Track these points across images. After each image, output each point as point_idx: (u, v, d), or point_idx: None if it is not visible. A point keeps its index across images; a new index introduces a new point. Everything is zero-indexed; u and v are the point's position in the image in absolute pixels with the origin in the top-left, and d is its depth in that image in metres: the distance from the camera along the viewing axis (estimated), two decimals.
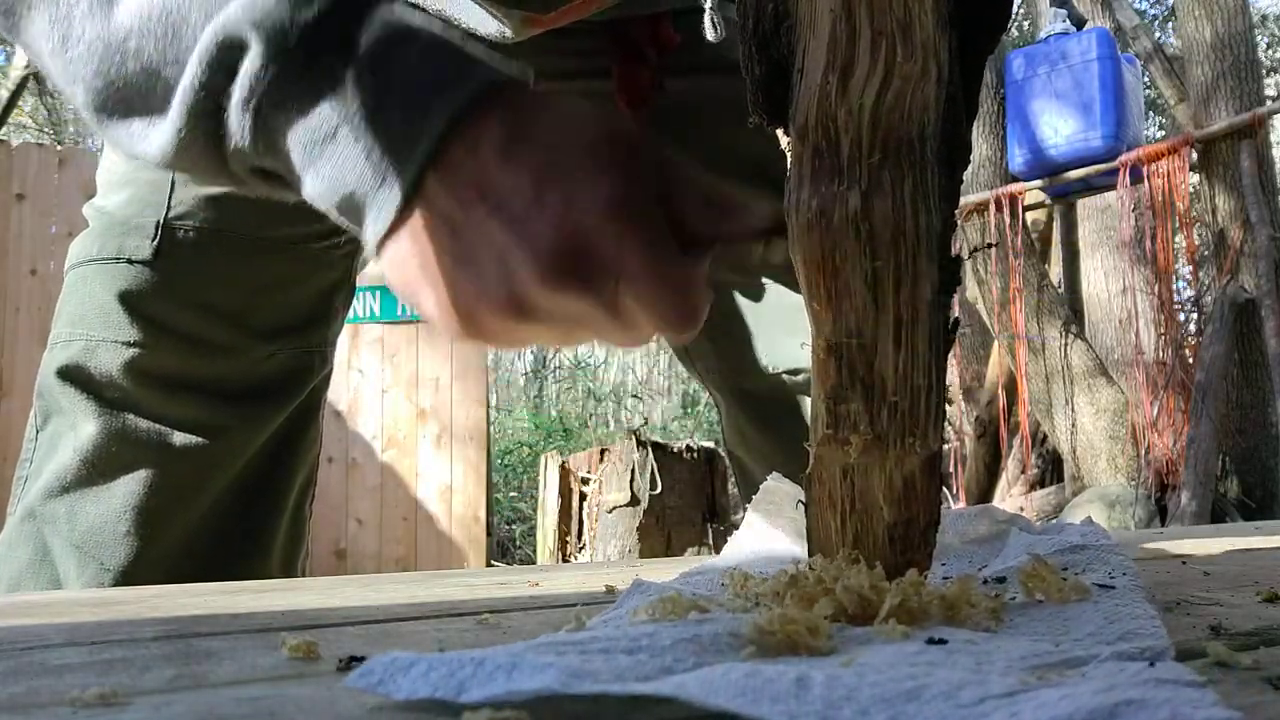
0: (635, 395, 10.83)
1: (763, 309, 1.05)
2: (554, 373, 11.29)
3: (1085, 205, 5.59)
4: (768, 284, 1.02)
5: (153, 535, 0.86)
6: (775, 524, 0.63)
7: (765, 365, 1.04)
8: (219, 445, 0.89)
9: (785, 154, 0.48)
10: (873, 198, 0.44)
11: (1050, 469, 5.66)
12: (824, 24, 0.44)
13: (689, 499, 4.02)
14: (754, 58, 0.48)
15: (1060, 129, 4.55)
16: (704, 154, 1.00)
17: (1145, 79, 5.10)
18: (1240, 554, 0.76)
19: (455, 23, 0.82)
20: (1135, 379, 4.89)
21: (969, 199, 5.02)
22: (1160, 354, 4.76)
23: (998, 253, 4.97)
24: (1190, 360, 4.82)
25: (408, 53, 0.53)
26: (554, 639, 0.34)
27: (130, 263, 0.87)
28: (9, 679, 0.34)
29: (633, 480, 3.97)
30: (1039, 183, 4.81)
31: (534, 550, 5.21)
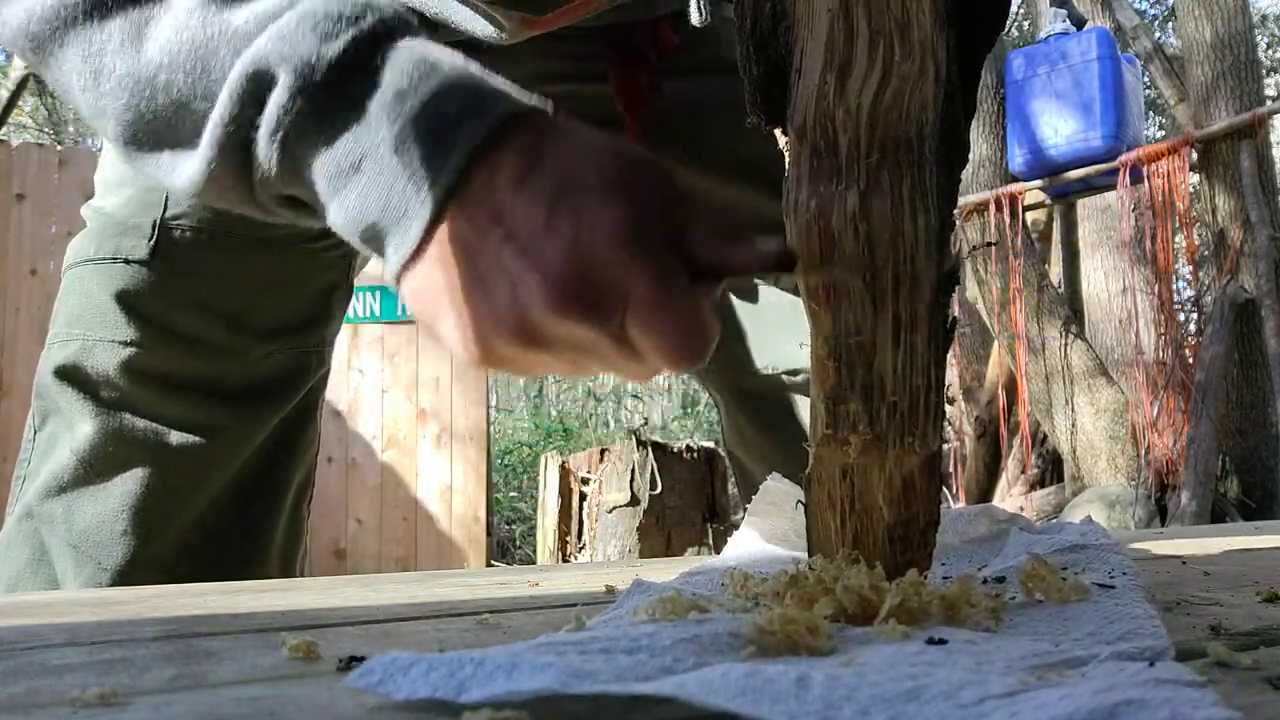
0: (635, 395, 10.82)
1: (761, 309, 1.05)
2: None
3: (1085, 205, 5.59)
4: (765, 284, 1.02)
5: (150, 535, 0.86)
6: (775, 524, 0.63)
7: (764, 366, 1.04)
8: (216, 445, 0.89)
9: (784, 154, 0.48)
10: (871, 197, 0.44)
11: (1050, 469, 5.66)
12: (821, 24, 0.44)
13: (689, 499, 4.01)
14: (752, 58, 0.48)
15: (1060, 129, 4.54)
16: (703, 155, 1.00)
17: (1145, 79, 5.10)
18: (1240, 554, 0.76)
19: (453, 24, 0.82)
20: (1135, 379, 4.89)
21: (969, 199, 5.02)
22: (1160, 354, 4.76)
23: (998, 253, 4.97)
24: (1190, 360, 4.82)
25: (431, 85, 0.54)
26: (554, 639, 0.34)
27: (127, 263, 0.87)
28: (9, 679, 0.34)
29: (633, 480, 3.97)
30: (1039, 183, 4.80)
31: (534, 550, 5.21)
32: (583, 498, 4.19)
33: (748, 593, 0.44)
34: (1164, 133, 9.52)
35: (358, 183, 0.54)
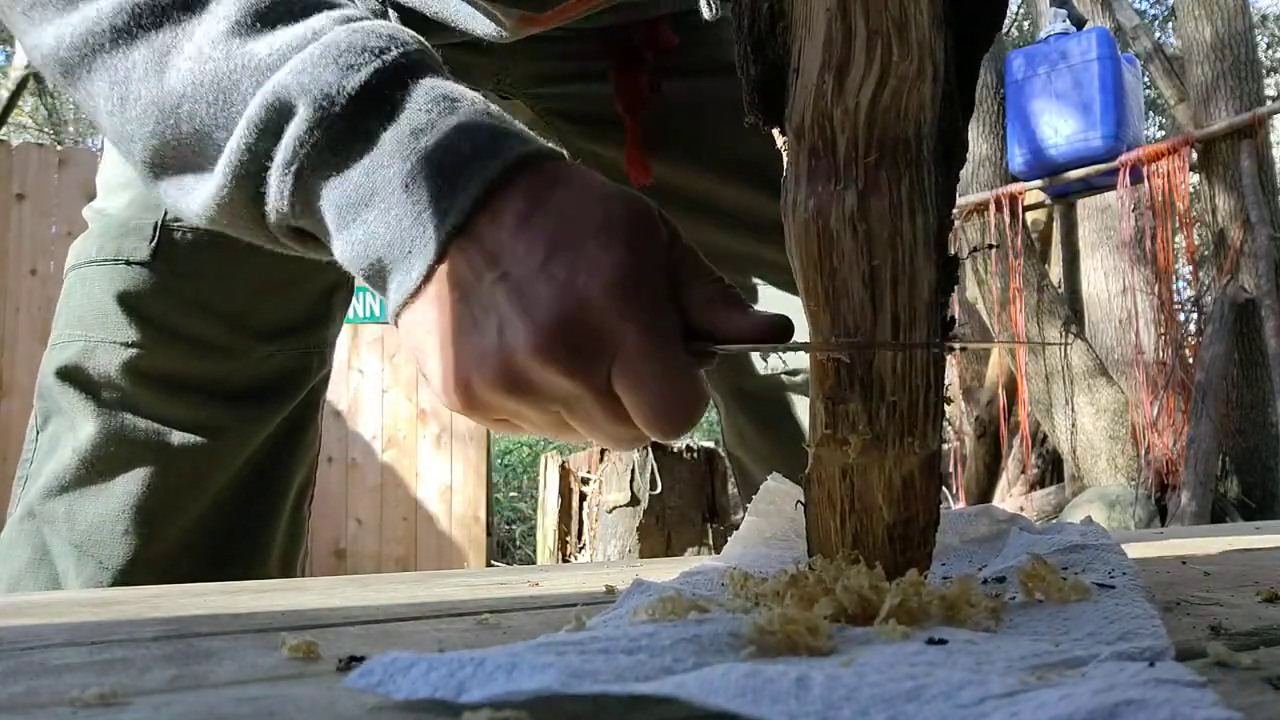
0: None
1: (761, 309, 1.05)
2: None
3: (1085, 205, 5.59)
4: (763, 284, 1.02)
5: (151, 535, 0.86)
6: (775, 524, 0.63)
7: (763, 366, 1.04)
8: (218, 445, 0.89)
9: (782, 154, 0.48)
10: (869, 197, 0.44)
11: (1050, 469, 5.67)
12: (819, 24, 0.44)
13: (689, 499, 4.01)
14: (750, 58, 0.48)
15: (1060, 129, 4.55)
16: (703, 155, 1.00)
17: (1145, 79, 5.10)
18: (1240, 554, 0.76)
19: (453, 23, 0.82)
20: (1135, 379, 4.90)
21: (969, 199, 5.03)
22: (1160, 354, 4.76)
23: (998, 253, 4.97)
24: (1190, 360, 4.82)
25: (449, 123, 0.53)
26: (554, 639, 0.34)
27: (129, 264, 0.87)
28: (9, 679, 0.34)
29: (633, 480, 3.97)
30: (1039, 183, 4.81)
31: (534, 550, 5.21)
32: (583, 498, 4.19)
33: (748, 593, 0.44)
34: (1164, 133, 9.52)
35: (366, 218, 0.53)
